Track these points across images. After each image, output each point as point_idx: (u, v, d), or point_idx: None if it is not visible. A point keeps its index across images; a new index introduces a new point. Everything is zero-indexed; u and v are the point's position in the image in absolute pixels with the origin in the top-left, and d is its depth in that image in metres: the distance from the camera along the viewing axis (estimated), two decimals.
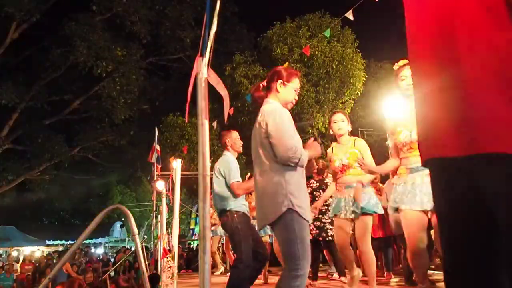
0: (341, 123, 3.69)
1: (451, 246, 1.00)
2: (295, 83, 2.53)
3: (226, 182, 3.62)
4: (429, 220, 2.71)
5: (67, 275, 9.15)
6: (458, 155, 0.98)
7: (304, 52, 7.52)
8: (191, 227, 18.84)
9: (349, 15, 5.50)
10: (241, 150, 3.91)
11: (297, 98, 2.58)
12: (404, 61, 2.85)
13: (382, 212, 3.61)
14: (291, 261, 2.21)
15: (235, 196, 3.58)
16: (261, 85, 2.58)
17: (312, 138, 2.62)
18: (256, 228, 2.52)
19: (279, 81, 2.47)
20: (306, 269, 2.24)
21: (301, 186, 2.34)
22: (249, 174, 5.10)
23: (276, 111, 2.36)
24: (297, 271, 2.19)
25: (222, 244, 8.41)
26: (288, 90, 2.49)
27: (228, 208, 3.56)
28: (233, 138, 3.84)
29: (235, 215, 3.50)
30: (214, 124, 8.31)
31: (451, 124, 1.00)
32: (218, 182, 3.66)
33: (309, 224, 2.35)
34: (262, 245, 3.73)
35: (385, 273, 5.59)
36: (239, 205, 3.58)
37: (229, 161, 3.71)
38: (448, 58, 1.03)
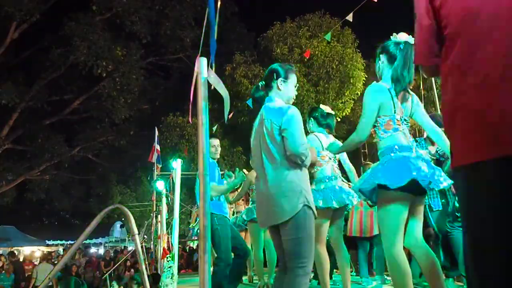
0: None
1: None
2: (294, 79, 2.54)
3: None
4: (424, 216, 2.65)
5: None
6: None
7: (305, 56, 7.58)
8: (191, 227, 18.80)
9: (349, 17, 5.55)
10: (216, 158, 3.98)
11: (296, 93, 2.59)
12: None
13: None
14: (298, 259, 2.19)
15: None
16: (260, 86, 2.59)
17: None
18: (261, 226, 2.53)
19: (279, 79, 2.47)
20: (311, 268, 2.24)
21: (309, 184, 2.37)
22: (244, 171, 5.08)
23: (287, 108, 2.35)
24: (305, 270, 2.19)
25: None
26: (288, 87, 2.49)
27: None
28: (212, 145, 3.92)
29: (215, 218, 3.64)
30: (214, 128, 8.31)
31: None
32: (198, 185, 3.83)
33: None
34: (241, 240, 3.99)
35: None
36: (219, 209, 3.72)
37: None
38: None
